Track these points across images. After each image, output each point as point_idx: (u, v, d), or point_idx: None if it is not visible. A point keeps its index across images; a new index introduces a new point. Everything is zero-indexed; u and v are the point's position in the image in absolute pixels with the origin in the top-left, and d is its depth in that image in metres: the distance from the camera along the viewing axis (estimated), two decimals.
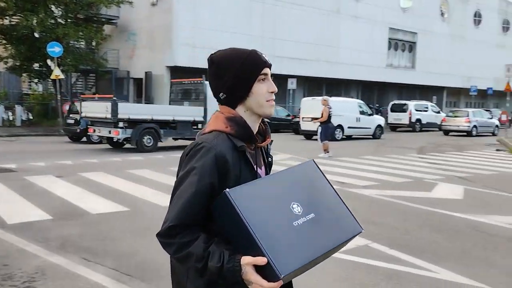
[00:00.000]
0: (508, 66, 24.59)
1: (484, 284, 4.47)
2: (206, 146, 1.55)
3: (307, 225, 1.50)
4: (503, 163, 14.43)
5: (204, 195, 1.52)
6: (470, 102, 45.82)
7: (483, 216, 7.26)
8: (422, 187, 9.74)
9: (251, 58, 1.64)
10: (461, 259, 5.25)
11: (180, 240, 1.50)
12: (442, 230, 6.48)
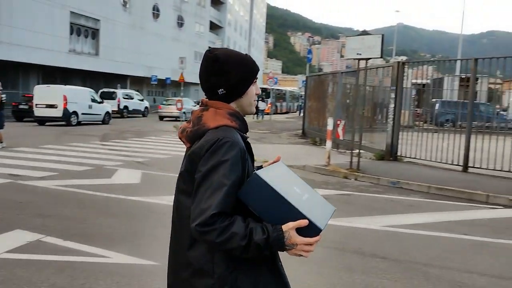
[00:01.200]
0: (181, 59, 27.12)
1: (152, 260, 4.84)
2: (229, 140, 1.66)
3: (309, 201, 1.74)
4: (177, 147, 15.90)
5: (238, 184, 1.64)
6: (152, 91, 48.74)
7: (157, 197, 7.83)
8: (102, 174, 9.84)
9: (252, 62, 1.83)
10: (134, 241, 5.54)
11: (221, 225, 1.57)
12: (118, 215, 6.69)
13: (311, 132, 19.93)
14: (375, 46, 10.81)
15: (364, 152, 13.66)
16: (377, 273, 4.75)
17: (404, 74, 13.23)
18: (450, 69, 18.32)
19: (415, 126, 15.10)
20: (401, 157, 13.01)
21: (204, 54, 1.86)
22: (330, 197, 8.70)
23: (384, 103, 14.15)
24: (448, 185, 9.43)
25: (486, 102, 16.62)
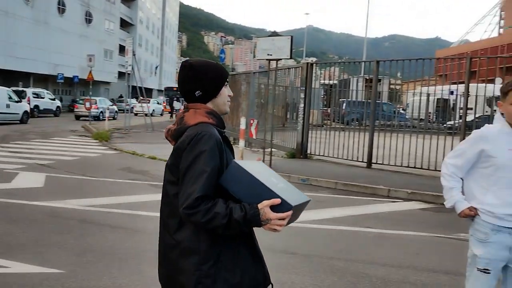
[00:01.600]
0: (89, 56, 26.01)
1: (54, 268, 4.59)
2: (207, 134, 1.94)
3: (286, 190, 1.97)
4: (86, 148, 15.24)
5: (217, 170, 1.90)
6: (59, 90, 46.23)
7: (62, 201, 7.45)
8: (1, 178, 9.17)
9: (221, 68, 2.16)
10: (35, 248, 5.22)
11: (205, 206, 1.83)
12: (18, 221, 6.28)
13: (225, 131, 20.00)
14: (285, 47, 11.09)
15: (277, 151, 13.97)
16: (287, 269, 4.87)
17: (313, 75, 13.70)
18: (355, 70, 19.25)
19: (324, 125, 15.72)
20: (311, 155, 13.46)
21: (180, 64, 2.20)
22: None
23: (295, 103, 14.56)
24: (353, 181, 9.91)
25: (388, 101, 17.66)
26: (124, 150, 14.73)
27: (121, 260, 4.97)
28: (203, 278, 1.95)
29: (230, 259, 1.99)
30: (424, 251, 5.72)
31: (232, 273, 1.99)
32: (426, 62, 11.93)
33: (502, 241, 2.82)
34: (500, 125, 2.88)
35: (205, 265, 1.95)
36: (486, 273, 2.86)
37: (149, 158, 13.12)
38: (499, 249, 2.83)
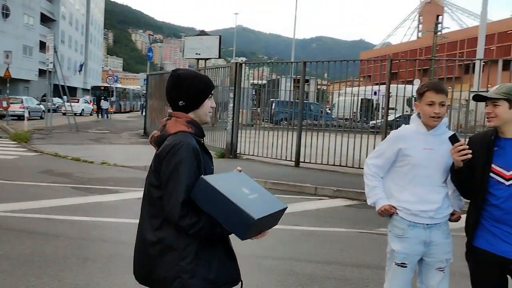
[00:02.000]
0: (6, 53, 24.54)
1: None
2: (184, 144, 2.12)
3: (256, 199, 2.14)
4: (2, 150, 14.35)
5: (194, 176, 2.09)
6: None
7: None
8: None
9: (207, 80, 2.31)
10: None
11: (191, 221, 2.07)
12: None
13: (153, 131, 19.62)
14: (213, 47, 11.09)
15: None
16: None
17: (243, 75, 13.75)
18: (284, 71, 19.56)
19: (254, 124, 15.83)
20: (241, 155, 13.51)
21: (170, 72, 2.33)
22: None
23: (224, 103, 14.54)
24: (281, 179, 10.07)
25: (315, 101, 18.11)
26: (45, 151, 14.00)
27: (40, 267, 4.72)
28: (181, 273, 2.15)
29: (207, 256, 2.18)
30: (348, 246, 5.91)
31: (208, 269, 2.17)
32: (351, 63, 12.37)
33: (418, 236, 2.96)
34: (416, 125, 3.03)
35: (183, 261, 2.14)
36: (403, 267, 2.99)
37: (72, 160, 12.58)
38: (415, 244, 2.97)
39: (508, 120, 2.69)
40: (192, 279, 2.14)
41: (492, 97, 2.69)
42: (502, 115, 2.68)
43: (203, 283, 2.16)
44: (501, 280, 2.79)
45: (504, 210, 2.68)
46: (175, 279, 2.14)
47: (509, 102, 2.68)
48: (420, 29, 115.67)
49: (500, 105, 2.68)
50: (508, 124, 2.70)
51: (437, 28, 61.82)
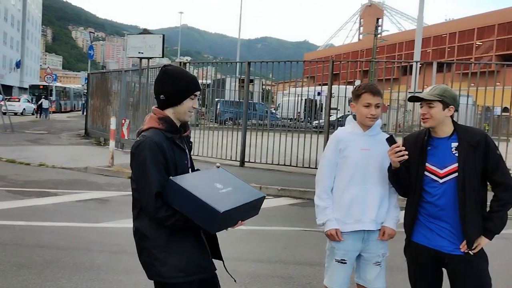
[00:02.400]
0: None
1: None
2: (147, 141, 2.29)
3: (229, 192, 2.29)
4: None
5: (162, 168, 2.27)
6: None
7: None
8: None
9: (192, 81, 2.42)
10: None
11: (166, 213, 2.23)
12: None
13: (94, 132, 19.05)
14: (157, 46, 10.90)
15: None
16: None
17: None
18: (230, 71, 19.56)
19: (199, 124, 15.71)
20: None
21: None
22: (114, 198, 8.45)
23: None
24: None
25: (260, 101, 18.21)
26: None
27: None
28: (154, 260, 2.32)
29: (177, 246, 2.31)
30: (291, 245, 5.99)
31: (179, 259, 2.31)
32: (294, 64, 12.55)
33: (356, 234, 3.05)
34: (352, 127, 3.11)
35: (155, 249, 2.31)
36: (343, 263, 3.07)
37: (7, 162, 11.99)
38: (354, 240, 3.05)
39: (442, 121, 2.81)
40: (163, 267, 2.30)
41: (428, 99, 2.80)
42: (437, 115, 2.79)
43: (173, 271, 2.30)
44: (437, 273, 2.92)
45: (439, 206, 2.80)
46: (150, 266, 2.35)
47: (443, 103, 2.80)
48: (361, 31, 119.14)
49: (435, 106, 2.79)
50: (442, 124, 2.83)
51: (377, 30, 63.85)
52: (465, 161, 2.75)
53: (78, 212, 7.38)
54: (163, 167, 2.27)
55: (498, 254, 5.86)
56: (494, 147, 2.81)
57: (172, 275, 2.31)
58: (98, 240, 5.82)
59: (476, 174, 2.77)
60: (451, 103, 2.82)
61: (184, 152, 2.44)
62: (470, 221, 2.74)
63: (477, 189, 2.77)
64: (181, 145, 2.42)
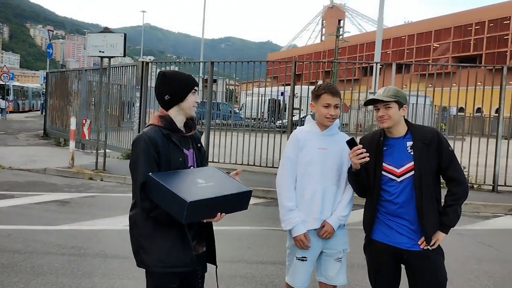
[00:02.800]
0: None
1: None
2: (141, 136, 2.48)
3: (210, 186, 2.40)
4: None
5: (154, 161, 2.43)
6: None
7: None
8: None
9: (189, 78, 2.61)
10: None
11: (151, 205, 2.38)
12: None
13: (54, 132, 18.57)
14: (118, 45, 10.69)
15: (112, 152, 13.42)
16: (118, 274, 4.70)
17: (150, 74, 13.44)
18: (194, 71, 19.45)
19: None
20: None
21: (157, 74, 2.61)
22: (73, 200, 8.27)
23: (132, 102, 14.12)
24: None
25: (224, 101, 18.20)
26: None
27: None
28: (139, 248, 2.49)
29: (161, 238, 2.44)
30: (254, 244, 6.02)
31: (161, 250, 2.44)
32: (258, 64, 12.59)
33: (317, 231, 3.09)
34: (310, 126, 3.16)
35: (141, 237, 2.47)
36: (303, 261, 3.11)
37: None
38: (314, 237, 3.09)
39: (398, 120, 2.90)
40: (146, 255, 2.46)
41: (386, 100, 2.87)
42: (394, 116, 2.87)
43: (155, 261, 2.45)
44: (396, 270, 3.00)
45: (398, 204, 2.88)
46: (137, 254, 2.51)
47: (398, 103, 2.88)
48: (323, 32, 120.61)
49: (392, 107, 2.87)
50: (397, 124, 2.91)
51: (339, 32, 64.82)
52: (420, 159, 2.83)
53: (36, 214, 7.19)
54: (154, 160, 2.42)
55: (454, 249, 6.07)
56: (446, 143, 2.90)
57: (153, 264, 2.46)
58: (57, 243, 5.68)
59: (431, 172, 2.86)
60: (404, 103, 2.92)
61: (179, 149, 2.55)
62: (427, 217, 2.83)
63: (432, 186, 2.86)
64: (177, 143, 2.54)
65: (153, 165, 2.42)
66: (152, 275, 2.51)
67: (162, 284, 2.50)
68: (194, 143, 2.71)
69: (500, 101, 10.44)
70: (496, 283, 5.01)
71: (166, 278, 2.49)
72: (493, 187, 10.40)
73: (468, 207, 8.82)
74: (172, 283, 2.52)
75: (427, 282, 2.88)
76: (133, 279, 4.60)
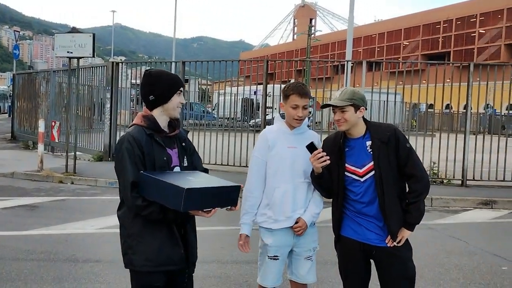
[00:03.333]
0: None
1: None
2: (125, 136, 2.50)
3: (200, 182, 2.46)
4: None
5: (139, 161, 2.45)
6: None
7: None
8: None
9: (175, 79, 2.62)
10: None
11: (143, 204, 2.39)
12: None
13: (22, 135, 18.13)
14: (87, 45, 10.51)
15: (83, 154, 13.20)
16: (89, 278, 4.62)
17: (123, 74, 13.27)
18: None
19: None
20: None
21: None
22: (43, 204, 8.09)
23: (103, 103, 13.90)
24: None
25: (197, 101, 18.09)
26: None
27: None
28: (127, 249, 2.51)
29: (149, 237, 2.46)
30: (228, 244, 5.99)
31: (149, 248, 2.46)
32: (230, 63, 12.56)
33: (288, 229, 3.10)
34: (279, 125, 3.16)
35: (129, 238, 2.50)
36: (275, 260, 3.11)
37: None
38: (286, 235, 3.10)
39: (355, 122, 2.91)
40: (134, 255, 2.48)
41: (339, 105, 2.87)
42: (351, 119, 2.88)
43: (143, 260, 2.46)
44: (366, 265, 3.04)
45: (364, 203, 2.92)
46: (125, 255, 2.53)
47: (354, 106, 2.88)
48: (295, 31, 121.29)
49: (347, 110, 2.88)
50: (355, 126, 2.93)
51: (311, 31, 65.27)
52: (379, 158, 2.86)
53: (4, 219, 7.01)
54: (139, 160, 2.44)
55: (424, 243, 6.18)
56: (404, 140, 2.93)
57: (141, 264, 2.48)
58: (25, 248, 5.55)
59: (391, 169, 2.88)
60: (361, 105, 2.91)
61: (163, 148, 2.56)
62: (391, 215, 2.86)
63: (394, 184, 2.89)
64: (161, 142, 2.55)
65: (139, 164, 2.44)
66: (137, 274, 2.52)
67: (148, 283, 2.51)
68: (178, 142, 2.69)
69: (467, 97, 10.68)
70: (465, 275, 5.13)
71: (153, 277, 2.50)
72: (462, 182, 10.63)
73: (439, 202, 9.00)
74: (158, 282, 2.52)
75: (396, 277, 2.93)
76: (104, 283, 4.53)
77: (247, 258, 5.39)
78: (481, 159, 10.57)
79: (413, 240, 2.99)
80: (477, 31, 67.73)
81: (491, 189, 10.27)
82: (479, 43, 67.79)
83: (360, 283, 3.06)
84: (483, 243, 6.51)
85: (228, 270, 5.02)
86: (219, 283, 4.67)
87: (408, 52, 75.84)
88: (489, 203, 9.13)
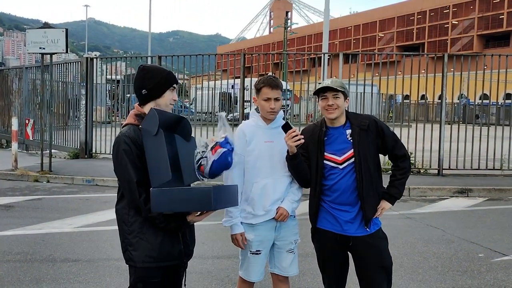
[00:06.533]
0: None
1: None
2: (120, 138, 2.46)
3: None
4: None
5: (137, 159, 2.42)
6: None
7: None
8: None
9: (169, 75, 2.59)
10: None
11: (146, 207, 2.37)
12: None
13: None
14: (60, 40, 10.30)
15: (58, 152, 12.99)
16: (68, 278, 4.54)
17: (98, 70, 13.05)
18: None
19: (112, 121, 15.12)
20: (97, 154, 12.85)
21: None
22: (18, 204, 7.93)
23: (78, 100, 13.66)
24: None
25: None
26: None
27: None
28: (128, 246, 2.50)
29: (150, 234, 2.46)
30: (209, 239, 5.96)
31: (150, 246, 2.46)
32: (207, 57, 12.47)
33: (269, 223, 3.09)
34: (255, 120, 3.14)
35: (130, 235, 2.48)
36: (258, 254, 3.10)
37: None
38: (267, 230, 3.09)
39: (343, 111, 2.99)
40: (135, 251, 2.47)
41: (338, 89, 2.92)
42: (341, 106, 2.96)
43: (144, 257, 2.46)
44: (343, 256, 3.08)
45: (339, 190, 2.96)
46: (125, 252, 2.52)
47: (344, 94, 2.97)
48: (272, 24, 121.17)
49: (340, 97, 2.95)
50: (341, 115, 3.00)
51: (287, 23, 65.28)
52: (359, 144, 2.93)
53: None
54: (138, 159, 2.42)
55: (403, 233, 6.26)
56: (386, 127, 3.06)
57: (141, 260, 2.47)
58: (1, 249, 5.42)
59: (370, 156, 2.96)
60: (348, 95, 3.04)
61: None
62: (367, 200, 2.93)
63: (372, 170, 2.96)
64: None
65: (138, 164, 2.42)
66: (136, 270, 2.51)
67: (145, 278, 2.51)
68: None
69: (442, 87, 10.83)
70: (443, 263, 5.21)
71: (151, 272, 2.51)
72: (438, 171, 10.81)
73: (416, 191, 9.12)
74: (156, 278, 2.54)
75: (373, 266, 2.98)
76: (83, 282, 4.46)
77: (228, 253, 5.39)
78: (456, 148, 10.74)
79: (392, 229, 3.04)
80: (450, 22, 68.78)
81: (466, 178, 10.46)
82: (452, 34, 68.89)
83: (338, 274, 3.11)
84: (460, 231, 6.62)
85: (209, 266, 5.00)
86: (201, 278, 4.65)
87: (384, 44, 76.60)
88: (465, 192, 9.30)
